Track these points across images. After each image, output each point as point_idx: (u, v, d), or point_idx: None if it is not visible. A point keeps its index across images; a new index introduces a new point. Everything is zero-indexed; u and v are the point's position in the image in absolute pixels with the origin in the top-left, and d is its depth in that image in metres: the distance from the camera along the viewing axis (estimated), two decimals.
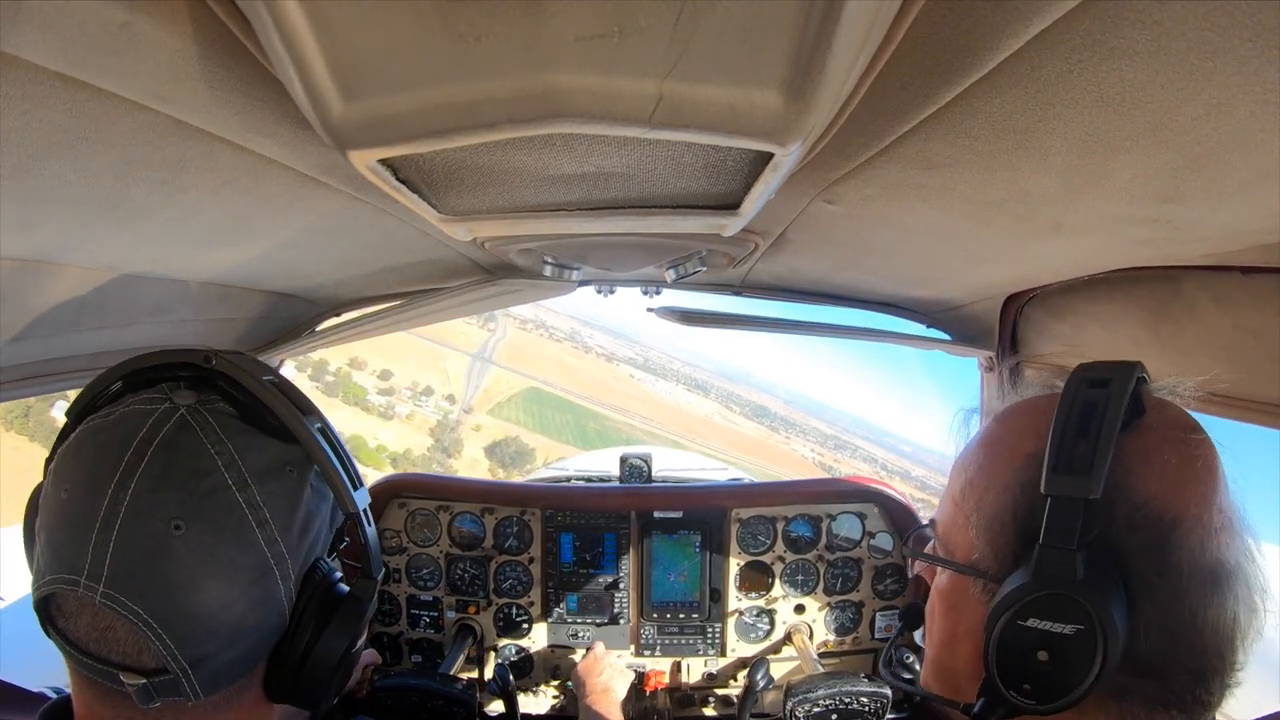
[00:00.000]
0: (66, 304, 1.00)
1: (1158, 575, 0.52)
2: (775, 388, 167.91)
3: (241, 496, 0.58)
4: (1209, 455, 0.56)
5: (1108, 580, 0.52)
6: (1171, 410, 0.60)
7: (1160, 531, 0.52)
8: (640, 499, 1.96)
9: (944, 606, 0.67)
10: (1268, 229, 0.75)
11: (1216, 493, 0.54)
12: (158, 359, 0.64)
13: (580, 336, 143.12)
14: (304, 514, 0.64)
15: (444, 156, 0.61)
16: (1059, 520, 0.54)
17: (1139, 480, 0.54)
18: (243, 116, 0.59)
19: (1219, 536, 0.52)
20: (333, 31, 0.42)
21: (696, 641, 1.95)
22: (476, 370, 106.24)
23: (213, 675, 0.58)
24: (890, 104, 0.58)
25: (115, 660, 0.56)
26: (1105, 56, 0.46)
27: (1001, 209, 0.82)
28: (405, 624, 1.97)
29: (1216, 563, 0.52)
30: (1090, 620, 0.51)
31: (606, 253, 1.25)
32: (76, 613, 0.56)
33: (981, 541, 0.61)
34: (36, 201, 0.69)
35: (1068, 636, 0.51)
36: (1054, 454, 0.55)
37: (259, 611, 0.60)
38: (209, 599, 0.56)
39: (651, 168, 0.65)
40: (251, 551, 0.59)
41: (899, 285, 1.54)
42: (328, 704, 0.68)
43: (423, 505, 1.96)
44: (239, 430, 0.61)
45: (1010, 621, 0.54)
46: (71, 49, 0.45)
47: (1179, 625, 0.52)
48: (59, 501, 0.57)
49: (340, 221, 0.99)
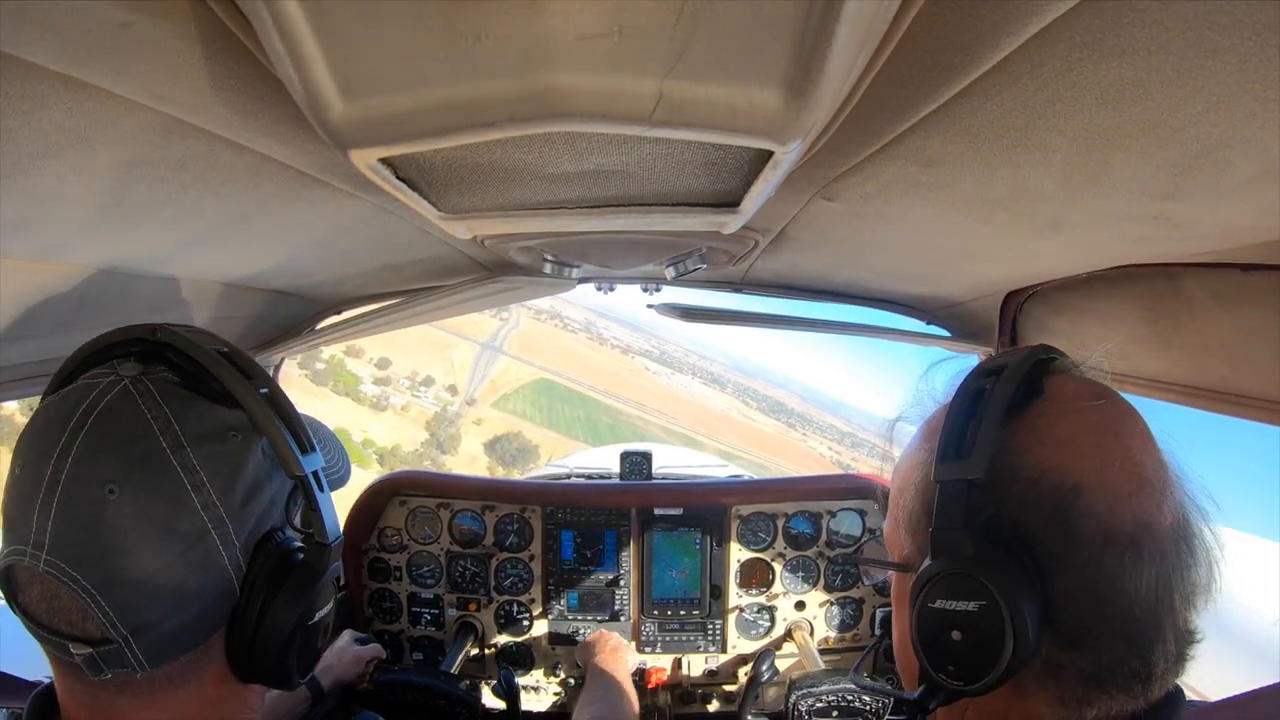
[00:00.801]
0: (66, 303, 1.00)
1: (1065, 544, 0.52)
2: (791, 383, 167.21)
3: (176, 459, 0.58)
4: (1111, 418, 0.56)
5: (1007, 556, 0.53)
6: (1072, 385, 0.60)
7: (1060, 501, 0.52)
8: (641, 496, 1.96)
9: (895, 608, 0.69)
10: (1267, 226, 0.75)
11: (1126, 454, 0.54)
12: (109, 338, 0.65)
13: (596, 328, 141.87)
14: (249, 480, 0.63)
15: (444, 155, 0.61)
16: (947, 504, 0.55)
17: (1032, 456, 0.54)
18: (243, 115, 0.59)
19: (1133, 498, 0.52)
20: (333, 31, 0.42)
21: (697, 638, 1.96)
22: (484, 360, 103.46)
23: (157, 644, 0.58)
24: (890, 102, 0.58)
25: (64, 630, 0.56)
26: (1105, 54, 0.46)
27: (1001, 206, 0.82)
28: (406, 621, 1.98)
29: (1134, 524, 0.51)
30: (989, 594, 0.51)
31: (606, 250, 1.25)
32: (29, 583, 0.57)
33: (906, 538, 0.64)
34: (36, 201, 0.69)
35: (973, 613, 0.53)
36: (942, 444, 0.57)
37: (199, 577, 0.59)
38: (146, 563, 0.56)
39: (651, 166, 0.65)
40: (187, 515, 0.58)
41: (899, 282, 1.55)
42: (294, 681, 0.68)
43: (423, 503, 1.96)
44: (180, 397, 0.61)
45: (923, 605, 0.56)
46: (72, 48, 0.45)
47: (1100, 593, 0.51)
48: (13, 476, 0.58)
49: (340, 220, 0.99)
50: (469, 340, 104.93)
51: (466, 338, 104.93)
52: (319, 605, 0.68)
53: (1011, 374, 0.57)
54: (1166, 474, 0.54)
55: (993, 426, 0.55)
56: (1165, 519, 0.52)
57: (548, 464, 3.45)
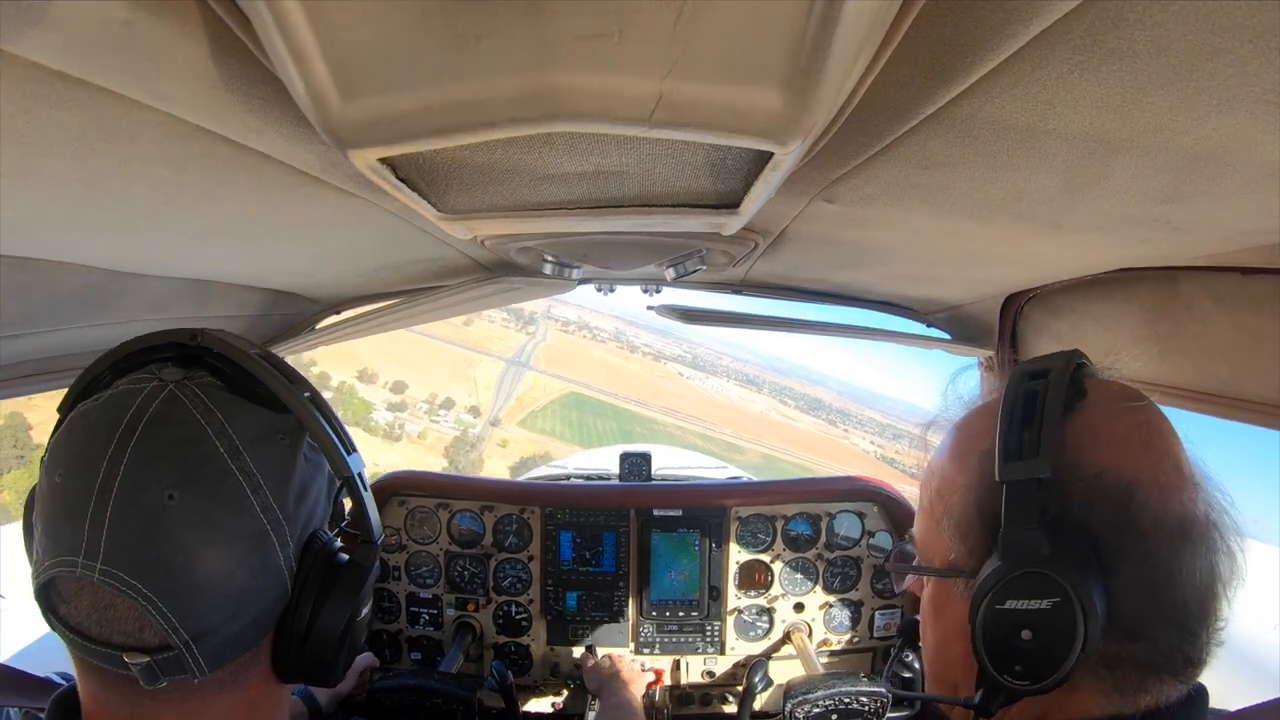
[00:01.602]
0: (67, 302, 1.00)
1: (1126, 539, 0.54)
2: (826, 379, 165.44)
3: (234, 464, 0.58)
4: (1154, 419, 0.58)
5: (1076, 552, 0.54)
6: (1112, 386, 0.62)
7: (1119, 498, 0.54)
8: (640, 497, 1.96)
9: (932, 613, 0.69)
10: (1267, 229, 0.75)
11: (1169, 452, 0.56)
12: (144, 342, 0.64)
13: (626, 336, 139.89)
14: (298, 481, 0.64)
15: (444, 155, 0.61)
16: (1017, 503, 0.56)
17: (1089, 455, 0.56)
18: (243, 115, 0.59)
19: (1181, 493, 0.54)
20: (333, 30, 0.42)
21: (696, 640, 1.95)
22: (510, 377, 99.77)
23: (217, 649, 0.58)
24: (890, 104, 0.58)
25: (118, 641, 0.55)
26: (1105, 57, 0.46)
27: (1001, 209, 0.82)
28: (404, 621, 1.97)
29: (1183, 518, 0.54)
30: (1064, 591, 0.52)
31: (606, 251, 1.25)
32: (76, 595, 0.56)
33: (956, 542, 0.64)
34: (37, 200, 0.69)
35: (1046, 611, 0.53)
36: (1003, 444, 0.58)
37: (259, 580, 0.60)
38: (207, 569, 0.56)
39: (651, 167, 0.65)
40: (247, 518, 0.58)
41: (899, 284, 1.55)
42: (337, 678, 0.68)
43: (422, 503, 1.96)
44: (227, 400, 0.61)
45: (990, 607, 0.56)
46: (72, 48, 0.45)
47: (1157, 583, 0.53)
48: (53, 486, 0.56)
49: (340, 219, 0.99)
50: (493, 357, 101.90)
51: (491, 354, 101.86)
52: (365, 603, 0.69)
53: (1059, 376, 0.59)
54: (1202, 471, 0.57)
55: (1054, 426, 0.56)
56: (1201, 512, 0.55)
57: (547, 464, 3.45)
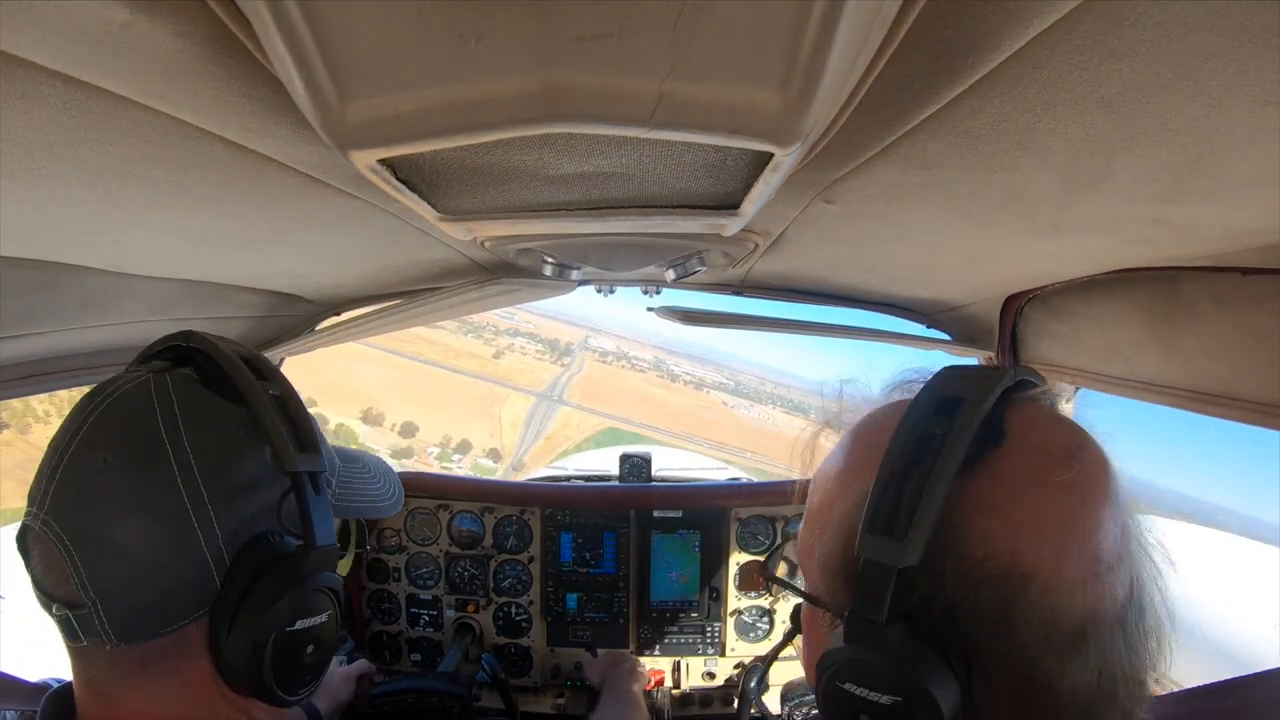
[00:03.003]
0: (67, 303, 1.00)
1: (1001, 641, 0.46)
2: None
3: (168, 437, 0.61)
4: (1080, 494, 0.48)
5: (932, 649, 0.46)
6: (1039, 434, 0.51)
7: (1003, 593, 0.45)
8: (640, 498, 1.96)
9: (805, 626, 0.63)
10: (1268, 229, 0.75)
11: (1087, 538, 0.46)
12: (158, 345, 0.73)
13: (665, 365, 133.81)
14: (244, 474, 0.65)
15: (444, 156, 0.61)
16: (870, 586, 0.47)
17: (979, 531, 0.47)
18: (243, 116, 0.59)
19: (1087, 587, 0.45)
20: (333, 31, 0.42)
21: (696, 641, 1.95)
22: (540, 414, 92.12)
23: (124, 616, 0.60)
24: (890, 104, 0.58)
25: (52, 591, 0.60)
26: (1105, 57, 0.46)
27: (1001, 209, 0.82)
28: (405, 623, 1.97)
29: (1084, 618, 0.45)
30: (908, 694, 0.45)
31: (606, 252, 1.25)
32: (34, 545, 0.61)
33: (820, 577, 0.57)
34: (36, 201, 0.69)
35: (886, 706, 0.46)
36: (871, 508, 0.49)
37: (171, 556, 0.61)
38: (121, 532, 0.59)
39: (651, 168, 0.65)
40: (169, 493, 0.60)
41: (899, 285, 1.54)
42: (278, 696, 0.66)
43: (422, 504, 1.96)
44: (193, 388, 0.66)
45: (830, 681, 0.49)
46: (71, 48, 0.45)
47: (1032, 694, 0.46)
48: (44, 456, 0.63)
49: (340, 221, 0.99)
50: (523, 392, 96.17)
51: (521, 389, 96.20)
52: (302, 612, 0.66)
53: (967, 418, 0.48)
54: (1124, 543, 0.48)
55: (936, 500, 0.46)
56: (1118, 599, 0.47)
57: (547, 465, 3.45)
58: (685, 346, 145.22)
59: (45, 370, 1.09)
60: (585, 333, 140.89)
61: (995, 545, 0.46)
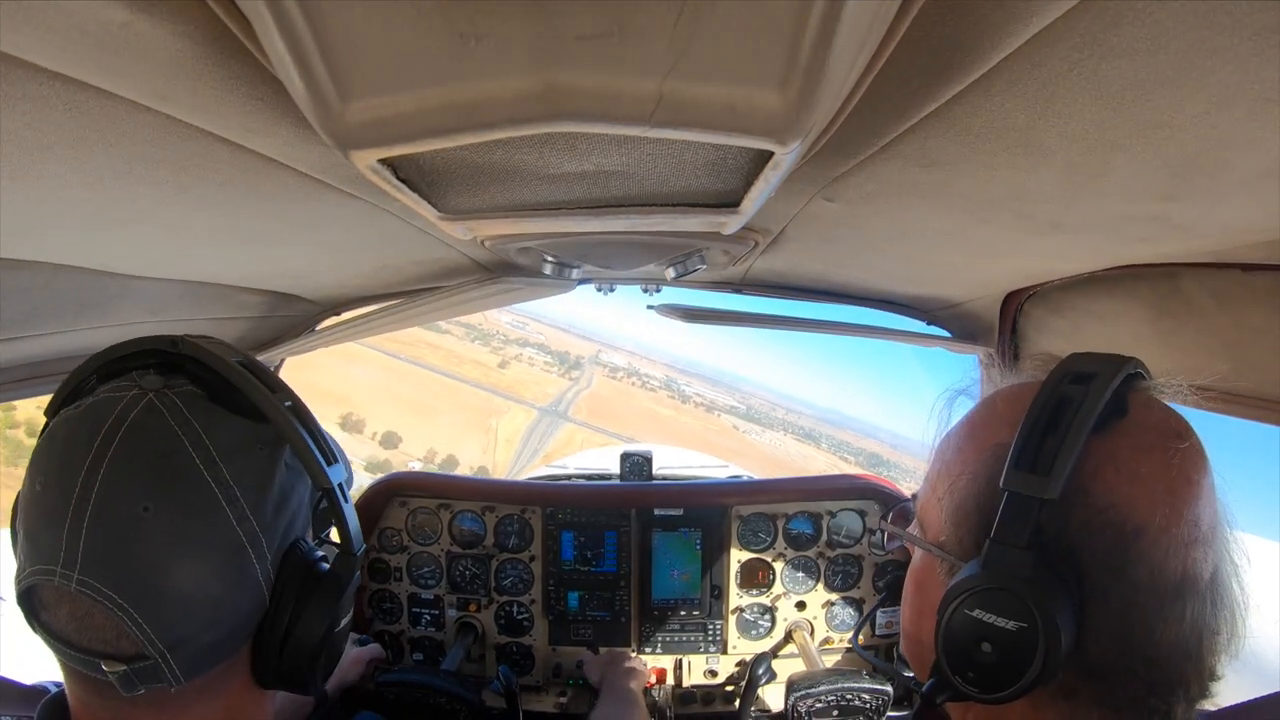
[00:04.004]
0: (67, 304, 1.00)
1: (1113, 583, 0.51)
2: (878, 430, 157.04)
3: (210, 475, 0.58)
4: (1189, 465, 0.53)
5: (1057, 581, 0.52)
6: (1157, 413, 0.57)
7: (1120, 540, 0.51)
8: (641, 496, 1.96)
9: (914, 585, 0.68)
10: (1268, 226, 0.75)
11: (1192, 504, 0.52)
12: (127, 348, 0.65)
13: (677, 385, 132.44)
14: (277, 492, 0.64)
15: (444, 156, 0.61)
16: (1012, 517, 0.53)
17: (1104, 485, 0.52)
18: (243, 116, 0.59)
19: (1188, 550, 0.51)
20: (333, 31, 0.42)
21: (698, 639, 1.95)
22: (541, 428, 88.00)
23: (192, 659, 0.58)
24: (890, 102, 0.58)
25: (96, 649, 0.56)
26: (1105, 55, 0.46)
27: (1001, 206, 0.82)
28: (406, 622, 1.97)
29: (1183, 577, 0.51)
30: (1033, 619, 0.50)
31: (607, 251, 1.25)
32: (56, 603, 0.56)
33: (948, 525, 0.62)
34: (36, 202, 0.69)
35: (1010, 632, 0.52)
36: (1018, 449, 0.54)
37: (235, 591, 0.60)
38: (182, 580, 0.56)
39: (651, 166, 0.65)
40: (222, 530, 0.59)
41: (899, 282, 1.54)
42: (317, 688, 0.68)
43: (424, 504, 1.96)
44: (205, 410, 0.61)
45: (958, 610, 0.55)
46: (71, 49, 0.45)
47: (1133, 636, 0.51)
48: (34, 494, 0.57)
49: (340, 220, 0.99)
50: (526, 405, 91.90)
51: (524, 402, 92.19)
52: (344, 613, 0.69)
53: (1100, 386, 0.54)
54: (1215, 526, 0.53)
55: (1075, 445, 0.52)
56: (1207, 573, 0.52)
57: (548, 465, 3.45)
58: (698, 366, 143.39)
59: (45, 371, 1.09)
60: (597, 347, 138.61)
61: (1117, 496, 0.52)
